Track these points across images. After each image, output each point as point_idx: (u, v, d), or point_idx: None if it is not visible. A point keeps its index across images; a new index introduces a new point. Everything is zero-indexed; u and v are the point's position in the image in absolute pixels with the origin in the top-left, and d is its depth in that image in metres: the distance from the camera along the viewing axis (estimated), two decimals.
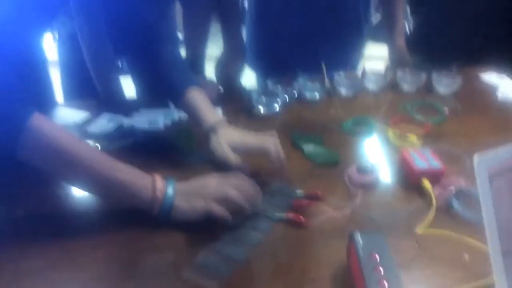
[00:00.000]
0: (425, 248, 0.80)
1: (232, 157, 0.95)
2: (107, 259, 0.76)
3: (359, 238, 0.73)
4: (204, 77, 1.55)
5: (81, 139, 0.82)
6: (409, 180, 0.96)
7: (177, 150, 1.07)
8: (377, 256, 0.70)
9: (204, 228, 0.82)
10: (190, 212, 0.82)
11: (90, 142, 1.07)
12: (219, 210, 0.81)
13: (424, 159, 0.97)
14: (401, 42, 1.63)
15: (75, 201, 0.91)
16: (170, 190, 0.83)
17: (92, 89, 1.33)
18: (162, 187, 0.82)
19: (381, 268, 0.68)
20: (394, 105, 1.32)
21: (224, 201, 0.82)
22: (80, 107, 1.22)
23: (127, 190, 0.80)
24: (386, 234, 0.74)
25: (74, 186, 0.89)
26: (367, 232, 0.74)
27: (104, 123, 1.15)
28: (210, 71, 1.59)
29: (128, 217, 0.83)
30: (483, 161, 0.66)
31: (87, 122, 1.15)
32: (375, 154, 1.09)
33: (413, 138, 1.11)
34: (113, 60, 1.32)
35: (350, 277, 0.73)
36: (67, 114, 1.17)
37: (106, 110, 1.20)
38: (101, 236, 0.80)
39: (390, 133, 1.13)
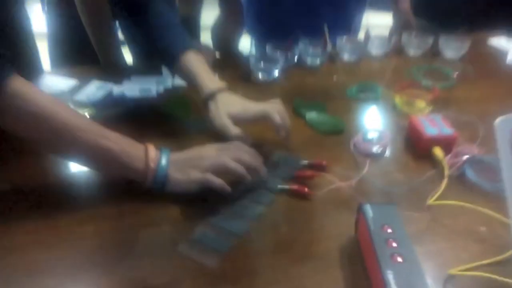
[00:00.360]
0: (438, 220, 0.75)
1: (232, 128, 0.88)
2: (97, 235, 0.71)
3: (369, 210, 0.68)
4: (199, 42, 1.47)
5: (67, 105, 0.75)
6: (419, 148, 0.91)
7: (171, 118, 1.00)
8: (389, 229, 0.65)
9: (202, 202, 0.76)
10: (186, 183, 0.76)
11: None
12: (217, 181, 0.75)
13: (434, 125, 0.91)
14: (405, 5, 1.56)
15: (62, 173, 0.85)
16: (164, 160, 0.77)
17: (81, 57, 1.27)
18: (155, 156, 0.76)
19: (393, 242, 0.63)
20: (399, 70, 1.26)
21: (223, 172, 0.77)
22: (68, 74, 1.14)
23: (118, 160, 0.74)
24: (396, 206, 0.70)
25: (60, 156, 0.82)
26: (378, 204, 0.69)
27: (93, 90, 1.08)
28: (205, 37, 1.51)
29: (119, 189, 0.77)
30: (505, 124, 0.61)
31: (74, 89, 1.08)
32: (382, 122, 1.03)
33: (421, 104, 1.05)
34: (111, 21, 1.25)
35: (359, 251, 0.68)
36: (54, 82, 1.10)
37: (96, 77, 1.12)
38: (91, 211, 0.75)
39: (397, 99, 1.07)
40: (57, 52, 1.36)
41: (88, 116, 0.98)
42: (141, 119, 0.99)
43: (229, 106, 0.91)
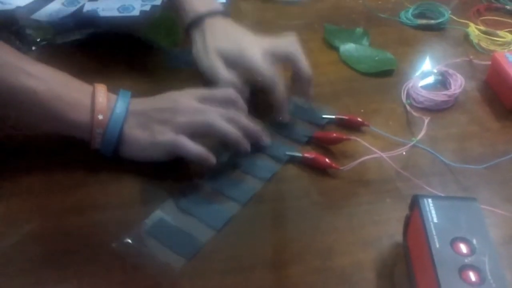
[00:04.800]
0: None
1: (222, 71, 0.60)
2: (10, 221, 0.48)
3: (430, 206, 0.42)
4: None
5: None
6: (506, 102, 0.64)
7: (152, 47, 0.74)
8: (465, 246, 0.39)
9: (170, 172, 0.52)
10: (149, 146, 0.52)
11: (31, 34, 0.75)
12: (193, 148, 0.51)
13: None
14: None
15: None
16: (120, 109, 0.52)
17: None
18: (107, 103, 0.52)
19: (471, 269, 0.37)
20: None
21: (205, 135, 0.52)
22: None
23: (46, 107, 0.51)
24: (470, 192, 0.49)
25: None
26: (445, 197, 0.45)
27: (58, 7, 0.82)
28: None
29: (51, 151, 0.54)
30: None
31: (35, 5, 0.83)
32: (450, 60, 0.73)
33: (507, 36, 0.78)
34: None
35: (409, 269, 0.42)
36: None
37: None
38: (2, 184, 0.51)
39: (472, 28, 0.79)
40: None
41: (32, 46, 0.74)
42: (113, 46, 0.74)
43: (220, 40, 0.62)
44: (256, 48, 0.60)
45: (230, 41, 0.62)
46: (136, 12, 0.83)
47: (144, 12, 0.83)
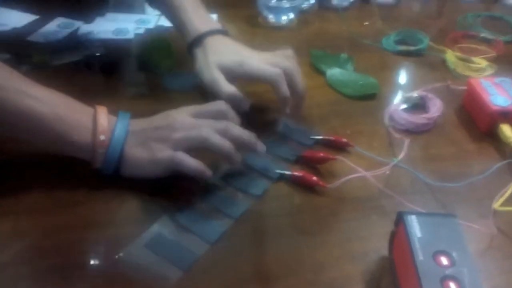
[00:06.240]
0: (507, 232, 0.52)
1: (224, 85, 0.64)
2: (17, 237, 0.49)
3: (414, 223, 0.45)
4: None
5: None
6: (480, 125, 0.67)
7: (148, 70, 0.77)
8: (446, 259, 0.42)
9: (164, 189, 0.55)
10: (149, 164, 0.54)
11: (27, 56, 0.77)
12: (192, 163, 0.53)
13: (503, 93, 0.67)
14: None
15: None
16: (120, 130, 0.54)
17: None
18: (108, 125, 0.54)
19: (451, 280, 0.40)
20: (450, 18, 0.99)
21: (200, 149, 0.54)
22: (27, 7, 0.90)
23: (50, 129, 0.52)
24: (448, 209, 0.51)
25: None
26: (428, 214, 0.47)
27: (54, 29, 0.84)
28: None
29: (55, 171, 0.56)
30: None
31: (31, 27, 0.85)
32: (429, 85, 0.76)
33: (481, 62, 0.81)
34: None
35: (394, 277, 0.45)
36: (6, 16, 0.87)
37: (62, 13, 0.88)
38: (9, 201, 0.53)
39: (449, 55, 0.82)
40: None
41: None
42: (108, 68, 0.76)
43: (221, 55, 0.66)
44: (255, 58, 0.65)
45: (230, 55, 0.66)
46: (130, 35, 0.86)
47: (138, 35, 0.86)
